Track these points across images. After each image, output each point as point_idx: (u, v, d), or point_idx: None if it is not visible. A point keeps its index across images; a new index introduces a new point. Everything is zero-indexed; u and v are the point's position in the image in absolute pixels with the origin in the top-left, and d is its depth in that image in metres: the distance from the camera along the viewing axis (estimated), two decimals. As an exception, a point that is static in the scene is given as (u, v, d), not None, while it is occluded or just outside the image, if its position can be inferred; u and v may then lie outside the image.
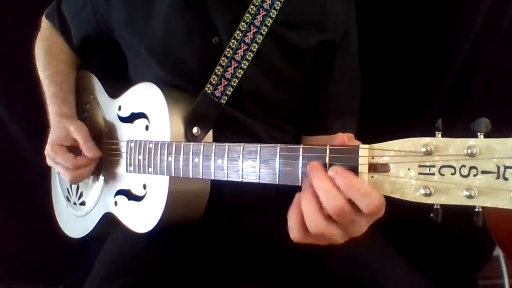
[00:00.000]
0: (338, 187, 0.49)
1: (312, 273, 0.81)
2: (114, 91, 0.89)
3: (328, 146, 0.53)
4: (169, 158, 0.72)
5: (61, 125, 0.86)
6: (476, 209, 0.45)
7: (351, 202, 0.49)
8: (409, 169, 0.47)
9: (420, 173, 0.47)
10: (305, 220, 0.51)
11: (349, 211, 0.49)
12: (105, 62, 1.03)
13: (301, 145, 0.55)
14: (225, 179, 0.64)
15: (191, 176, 0.69)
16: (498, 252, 1.25)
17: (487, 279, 1.31)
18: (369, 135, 0.54)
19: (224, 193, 0.82)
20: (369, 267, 0.76)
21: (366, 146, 0.50)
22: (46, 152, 0.86)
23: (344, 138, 0.53)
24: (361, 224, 0.51)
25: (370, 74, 0.92)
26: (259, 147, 0.59)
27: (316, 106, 0.88)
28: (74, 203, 0.96)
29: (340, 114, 0.88)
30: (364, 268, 0.76)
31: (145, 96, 0.80)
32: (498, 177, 0.43)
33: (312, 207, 0.51)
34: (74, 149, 0.86)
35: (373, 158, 0.50)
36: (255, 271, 0.89)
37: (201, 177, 0.67)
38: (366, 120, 0.92)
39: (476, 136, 0.44)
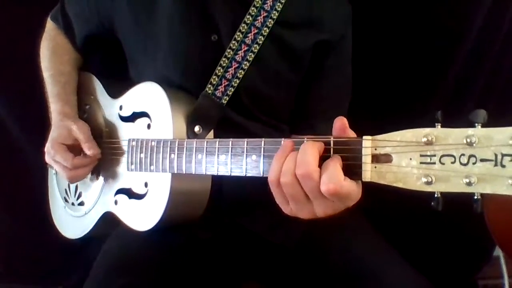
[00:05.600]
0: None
1: (311, 273, 0.81)
2: (115, 91, 0.90)
3: (332, 138, 0.54)
4: (172, 156, 0.73)
5: (63, 123, 0.87)
6: (475, 197, 0.47)
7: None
8: (410, 159, 0.49)
9: (421, 162, 0.48)
10: (282, 171, 0.55)
11: (315, 178, 0.52)
12: (105, 63, 1.03)
13: (305, 138, 0.57)
14: (229, 174, 0.64)
15: (194, 173, 0.69)
16: (498, 252, 1.26)
17: (487, 279, 1.32)
18: (373, 133, 0.55)
19: (223, 192, 0.83)
20: (368, 267, 0.76)
21: (369, 137, 0.52)
22: (46, 149, 0.87)
23: (344, 122, 0.56)
24: (320, 203, 0.55)
25: (373, 71, 0.93)
26: (262, 142, 0.60)
27: (306, 107, 0.90)
28: (72, 204, 0.96)
29: (328, 116, 0.88)
30: (364, 268, 0.76)
31: (147, 95, 0.81)
32: (496, 165, 0.45)
33: (291, 163, 0.55)
34: (74, 148, 0.86)
35: (376, 149, 0.51)
36: (255, 270, 0.89)
37: (204, 173, 0.68)
38: (369, 116, 0.93)
39: (474, 127, 0.46)
